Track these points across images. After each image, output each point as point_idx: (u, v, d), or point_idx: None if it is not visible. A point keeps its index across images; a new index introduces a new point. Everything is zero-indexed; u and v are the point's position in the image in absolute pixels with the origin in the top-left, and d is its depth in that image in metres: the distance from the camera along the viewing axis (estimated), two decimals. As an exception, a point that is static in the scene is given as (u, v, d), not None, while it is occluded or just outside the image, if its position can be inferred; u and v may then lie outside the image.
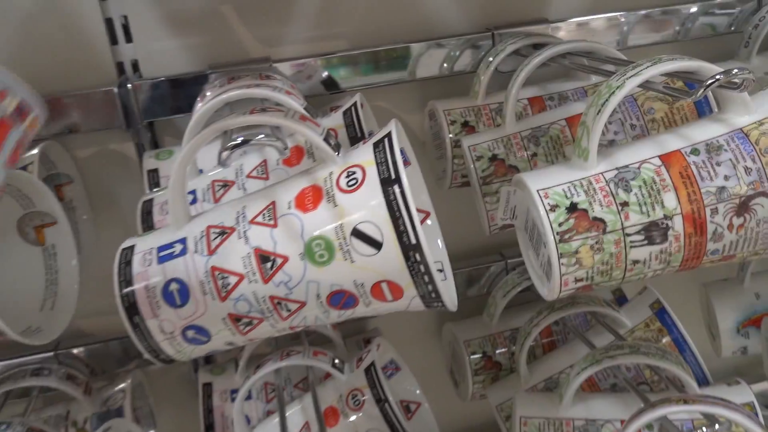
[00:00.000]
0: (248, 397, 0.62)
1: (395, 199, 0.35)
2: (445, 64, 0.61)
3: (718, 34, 0.68)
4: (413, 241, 0.35)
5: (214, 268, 0.38)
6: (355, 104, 0.47)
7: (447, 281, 0.42)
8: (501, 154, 0.53)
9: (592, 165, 0.41)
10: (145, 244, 0.40)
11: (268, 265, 0.37)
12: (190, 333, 0.39)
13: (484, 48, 0.61)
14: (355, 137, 0.45)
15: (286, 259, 0.37)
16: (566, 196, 0.40)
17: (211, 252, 0.38)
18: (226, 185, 0.48)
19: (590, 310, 0.60)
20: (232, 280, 0.38)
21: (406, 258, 0.35)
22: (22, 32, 0.57)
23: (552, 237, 0.40)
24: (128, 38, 0.59)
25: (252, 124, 0.38)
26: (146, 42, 0.59)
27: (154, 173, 0.54)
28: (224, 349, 0.41)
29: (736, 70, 0.38)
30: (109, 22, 0.58)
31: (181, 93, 0.58)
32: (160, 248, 0.39)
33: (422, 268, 0.35)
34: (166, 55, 0.60)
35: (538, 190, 0.41)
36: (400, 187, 0.35)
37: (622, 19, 0.64)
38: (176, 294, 0.38)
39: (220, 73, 0.57)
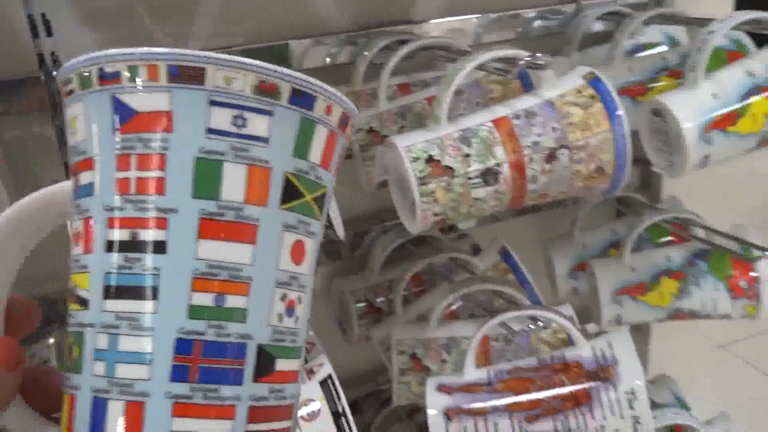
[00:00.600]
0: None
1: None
2: (327, 59, 0.74)
3: (550, 34, 0.84)
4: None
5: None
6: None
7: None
8: (376, 127, 0.65)
9: (443, 128, 0.55)
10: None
11: None
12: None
13: (361, 44, 0.74)
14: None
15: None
16: (424, 151, 0.54)
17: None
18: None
19: (452, 256, 0.74)
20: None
21: None
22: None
23: (415, 181, 0.53)
24: (48, 33, 0.67)
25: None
26: (65, 36, 0.68)
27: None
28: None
29: (539, 54, 0.53)
30: (30, 18, 0.66)
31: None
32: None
33: None
34: (83, 49, 0.68)
35: (403, 147, 0.54)
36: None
37: (475, 21, 0.79)
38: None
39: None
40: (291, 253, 0.25)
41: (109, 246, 0.24)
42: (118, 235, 0.23)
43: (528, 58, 0.52)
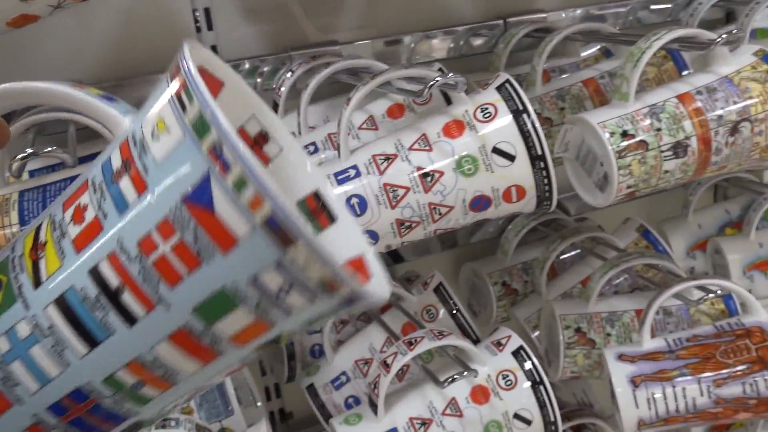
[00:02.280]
0: (319, 330, 0.74)
1: (525, 123, 0.49)
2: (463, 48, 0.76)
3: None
4: (539, 153, 0.49)
5: (386, 184, 0.50)
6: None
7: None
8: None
9: (632, 105, 0.57)
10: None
11: (428, 179, 0.50)
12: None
13: (496, 34, 0.76)
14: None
15: (442, 174, 0.50)
16: (619, 126, 0.56)
17: (382, 173, 0.50)
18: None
19: (592, 235, 0.77)
20: (401, 192, 0.50)
21: (533, 166, 0.50)
22: (125, 23, 0.66)
23: (613, 155, 0.55)
24: (209, 26, 0.69)
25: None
26: (224, 29, 0.70)
27: (253, 137, 0.64)
28: (383, 251, 0.53)
29: (733, 29, 0.55)
30: (194, 13, 0.69)
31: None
32: (337, 174, 0.51)
33: (544, 172, 0.50)
34: (240, 41, 0.71)
35: (598, 123, 0.56)
36: (528, 114, 0.49)
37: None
38: (356, 206, 0.50)
39: (301, 54, 0.68)
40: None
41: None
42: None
43: (724, 35, 0.55)
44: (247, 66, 0.70)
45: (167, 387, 0.25)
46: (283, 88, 0.65)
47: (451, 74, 0.48)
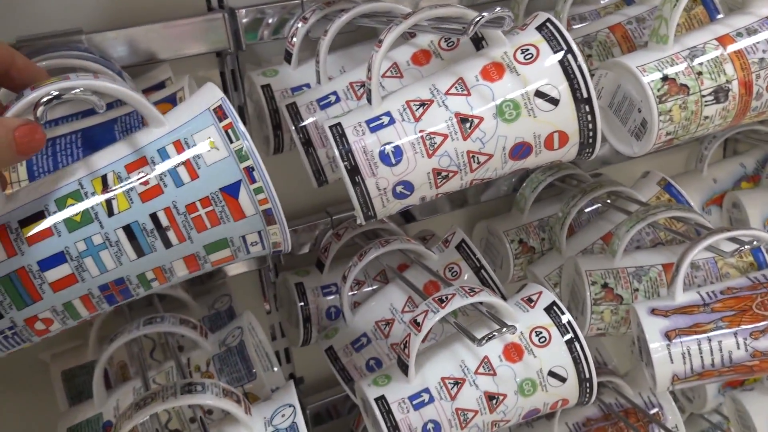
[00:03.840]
0: (336, 292, 0.71)
1: (569, 64, 0.46)
2: None
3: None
4: (585, 95, 0.46)
5: (422, 131, 0.47)
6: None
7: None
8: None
9: (671, 47, 0.54)
10: (351, 120, 0.48)
11: (467, 125, 0.47)
12: (399, 188, 0.48)
13: None
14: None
15: (481, 119, 0.47)
16: (658, 69, 0.53)
17: (417, 119, 0.47)
18: (364, 85, 0.57)
19: (613, 189, 0.75)
20: (438, 139, 0.47)
21: (578, 110, 0.47)
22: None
23: (654, 99, 0.52)
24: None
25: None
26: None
27: (267, 88, 0.61)
28: (417, 203, 0.50)
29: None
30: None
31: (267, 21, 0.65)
32: (369, 121, 0.48)
33: (589, 117, 0.47)
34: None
35: (636, 66, 0.53)
36: (573, 55, 0.46)
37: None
38: (391, 155, 0.47)
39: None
40: None
41: None
42: None
43: None
44: (255, 15, 0.66)
45: (165, 281, 0.40)
46: (296, 38, 0.61)
47: (498, 8, 0.45)
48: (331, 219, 0.75)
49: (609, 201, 0.76)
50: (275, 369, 0.61)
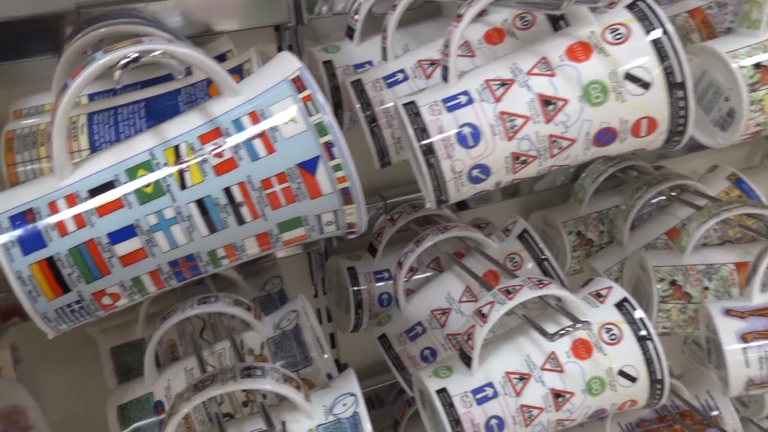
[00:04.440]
0: (389, 278, 0.69)
1: (663, 45, 0.43)
2: None
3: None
4: (679, 80, 0.43)
5: (502, 113, 0.44)
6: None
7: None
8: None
9: (763, 33, 0.51)
10: (426, 99, 0.45)
11: (551, 107, 0.44)
12: (475, 172, 0.45)
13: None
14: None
15: (566, 102, 0.44)
16: (750, 56, 0.50)
17: (498, 100, 0.45)
18: (434, 63, 0.54)
19: (680, 183, 0.71)
20: (519, 122, 0.44)
21: (670, 95, 0.44)
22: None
23: (744, 87, 0.49)
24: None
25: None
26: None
27: (329, 64, 0.59)
28: (491, 189, 0.47)
29: None
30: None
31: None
32: (445, 100, 0.45)
33: (682, 103, 0.44)
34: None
35: (727, 52, 0.50)
36: (667, 35, 0.43)
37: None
38: (469, 136, 0.44)
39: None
40: None
41: None
42: None
43: None
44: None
45: (235, 260, 0.38)
46: (359, 14, 0.59)
47: (595, -16, 0.42)
48: (385, 203, 0.72)
49: (673, 195, 0.72)
50: (326, 355, 0.59)
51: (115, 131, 0.46)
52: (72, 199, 0.35)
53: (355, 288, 0.68)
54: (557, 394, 0.52)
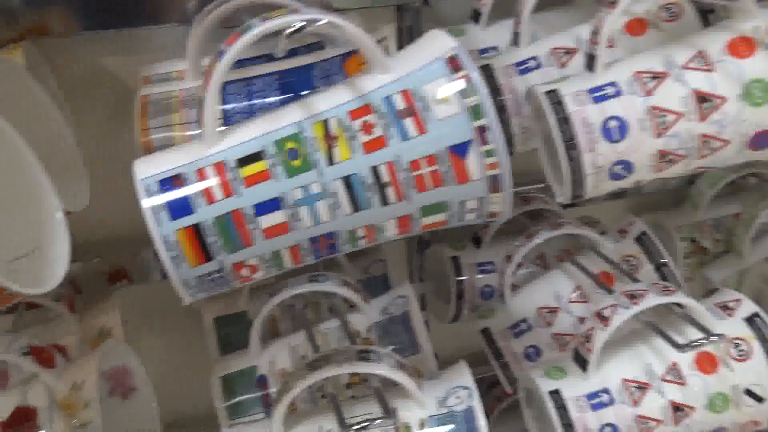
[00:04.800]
0: (492, 271, 0.67)
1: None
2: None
3: None
4: None
5: (653, 107, 0.42)
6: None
7: None
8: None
9: None
10: (570, 88, 0.43)
11: (707, 104, 0.42)
12: (617, 168, 0.43)
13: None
14: None
15: (724, 100, 0.41)
16: None
17: (649, 93, 0.42)
18: (569, 52, 0.52)
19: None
20: (670, 118, 0.42)
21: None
22: None
23: None
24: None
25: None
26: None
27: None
28: (628, 188, 0.45)
29: None
30: None
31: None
32: (592, 90, 0.43)
33: None
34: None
35: None
36: None
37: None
38: (615, 130, 0.42)
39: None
40: None
41: None
42: None
43: None
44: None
45: (373, 241, 0.38)
46: (486, -2, 0.57)
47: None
48: (494, 194, 0.71)
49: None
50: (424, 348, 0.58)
51: (248, 102, 0.46)
52: (220, 168, 0.34)
53: (459, 278, 0.66)
54: (677, 407, 0.49)
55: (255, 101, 0.46)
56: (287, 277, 0.57)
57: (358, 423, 0.41)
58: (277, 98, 0.46)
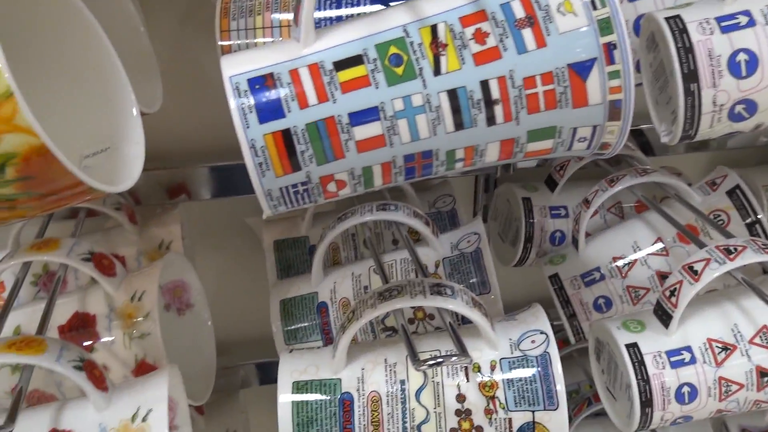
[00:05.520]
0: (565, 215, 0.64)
1: None
2: None
3: None
4: None
5: (789, 42, 0.38)
6: None
7: None
8: None
9: None
10: (695, 15, 0.39)
11: None
12: (739, 108, 0.39)
13: None
14: None
15: None
16: None
17: (786, 27, 0.38)
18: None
19: None
20: (807, 54, 0.38)
21: None
22: None
23: None
24: None
25: None
26: None
27: None
28: (745, 131, 0.41)
29: None
30: None
31: None
32: (720, 19, 0.39)
33: None
34: None
35: None
36: None
37: None
38: (743, 64, 0.38)
39: None
40: None
41: None
42: None
43: None
44: None
45: (470, 164, 0.34)
46: None
47: None
48: (572, 134, 0.67)
49: None
50: (492, 297, 0.56)
51: (337, 6, 0.42)
52: (316, 70, 0.31)
53: (529, 220, 0.63)
54: (763, 373, 0.46)
55: (344, 6, 0.43)
56: (350, 206, 0.55)
57: (432, 358, 0.39)
58: (368, 4, 0.42)
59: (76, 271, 0.55)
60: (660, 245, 0.57)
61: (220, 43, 0.43)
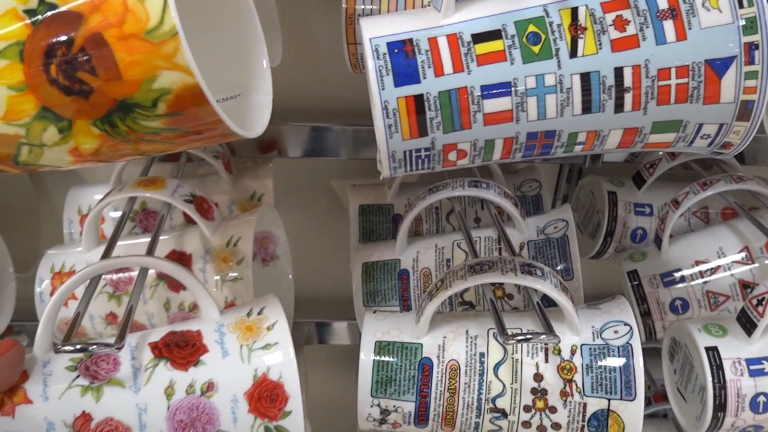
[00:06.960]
0: (650, 213, 0.64)
1: None
2: None
3: None
4: None
5: None
6: None
7: None
8: None
9: None
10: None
11: None
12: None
13: None
14: None
15: None
16: None
17: None
18: None
19: None
20: None
21: None
22: None
23: None
24: None
25: None
26: None
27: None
28: None
29: None
30: None
31: None
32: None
33: None
34: None
35: None
36: None
37: None
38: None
39: None
40: None
41: None
42: None
43: None
44: None
45: (590, 149, 0.35)
46: None
47: None
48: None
49: None
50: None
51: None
52: (454, 40, 0.32)
53: (613, 215, 0.63)
54: None
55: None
56: (440, 179, 0.56)
57: (521, 333, 0.40)
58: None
59: (172, 212, 0.57)
60: (745, 254, 0.57)
61: (344, 5, 0.44)
